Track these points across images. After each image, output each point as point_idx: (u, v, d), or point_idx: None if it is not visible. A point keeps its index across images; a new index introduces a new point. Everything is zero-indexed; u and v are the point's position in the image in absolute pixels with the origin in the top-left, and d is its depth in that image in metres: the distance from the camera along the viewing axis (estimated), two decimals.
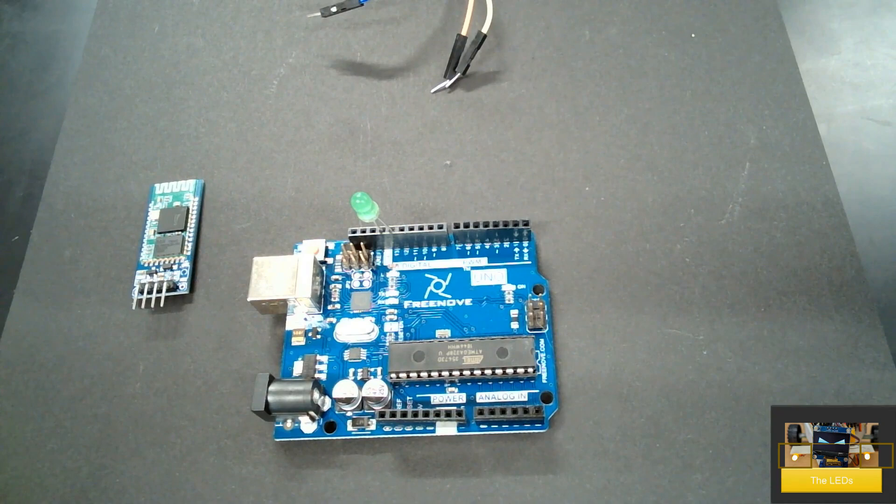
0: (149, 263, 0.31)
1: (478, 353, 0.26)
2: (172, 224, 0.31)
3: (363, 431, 0.26)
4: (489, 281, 0.28)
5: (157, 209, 0.32)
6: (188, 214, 0.31)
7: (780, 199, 0.29)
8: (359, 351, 0.28)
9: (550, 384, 0.26)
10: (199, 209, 0.32)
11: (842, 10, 0.34)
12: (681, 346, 0.27)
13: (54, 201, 0.33)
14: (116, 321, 0.30)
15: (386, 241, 0.29)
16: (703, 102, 0.32)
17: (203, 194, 0.32)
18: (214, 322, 0.29)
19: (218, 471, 0.27)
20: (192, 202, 0.32)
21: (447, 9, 0.36)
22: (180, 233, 0.31)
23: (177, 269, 0.30)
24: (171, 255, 0.31)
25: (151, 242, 0.31)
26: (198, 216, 0.32)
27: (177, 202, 0.32)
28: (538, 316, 0.27)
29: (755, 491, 0.24)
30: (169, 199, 0.32)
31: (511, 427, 0.26)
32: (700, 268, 0.28)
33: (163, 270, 0.30)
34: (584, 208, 0.30)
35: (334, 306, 0.29)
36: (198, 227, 0.31)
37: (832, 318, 0.27)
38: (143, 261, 0.31)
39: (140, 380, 0.28)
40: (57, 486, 0.27)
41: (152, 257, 0.31)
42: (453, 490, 0.26)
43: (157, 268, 0.30)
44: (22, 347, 0.30)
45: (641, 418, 0.26)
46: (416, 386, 0.27)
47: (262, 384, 0.26)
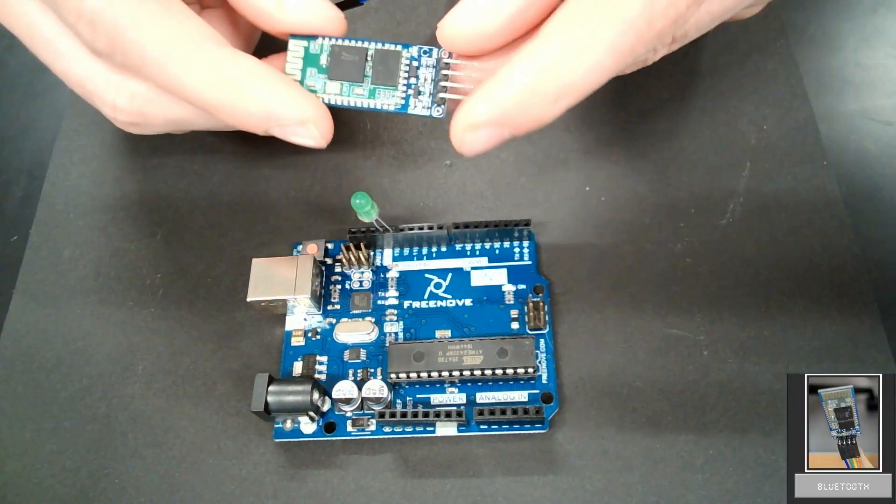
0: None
1: (478, 353, 0.26)
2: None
3: (363, 432, 0.26)
4: (489, 281, 0.28)
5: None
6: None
7: (780, 199, 0.29)
8: (359, 351, 0.28)
9: (550, 384, 0.26)
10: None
11: (843, 10, 0.34)
12: (681, 346, 0.27)
13: (53, 201, 0.33)
14: (116, 321, 0.30)
15: (386, 241, 0.29)
16: (704, 102, 0.32)
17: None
18: (214, 322, 0.29)
19: (217, 471, 0.27)
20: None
21: (447, 9, 0.36)
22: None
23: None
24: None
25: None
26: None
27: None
28: (538, 316, 0.27)
29: (756, 491, 0.24)
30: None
31: (511, 427, 0.26)
32: (700, 268, 0.28)
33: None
34: (584, 208, 0.30)
35: (334, 306, 0.29)
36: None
37: (833, 319, 0.27)
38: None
39: (140, 380, 0.28)
40: (57, 487, 0.27)
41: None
42: (453, 490, 0.25)
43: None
44: (21, 347, 0.30)
45: (642, 418, 0.26)
46: (416, 386, 0.27)
47: (262, 384, 0.26)
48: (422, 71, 0.24)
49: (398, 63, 0.24)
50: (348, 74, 0.24)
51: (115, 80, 0.26)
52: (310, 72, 0.24)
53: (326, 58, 0.24)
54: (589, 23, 0.21)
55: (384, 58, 0.24)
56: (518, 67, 0.21)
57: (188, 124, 0.27)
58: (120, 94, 0.26)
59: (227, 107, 0.23)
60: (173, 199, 0.32)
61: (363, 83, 0.24)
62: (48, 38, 0.26)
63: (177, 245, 0.31)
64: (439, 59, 0.24)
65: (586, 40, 0.20)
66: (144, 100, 0.26)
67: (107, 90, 0.26)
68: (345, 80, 0.24)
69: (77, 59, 0.26)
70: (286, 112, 0.23)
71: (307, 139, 0.24)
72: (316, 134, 0.24)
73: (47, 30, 0.26)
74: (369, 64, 0.24)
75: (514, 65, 0.21)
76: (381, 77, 0.24)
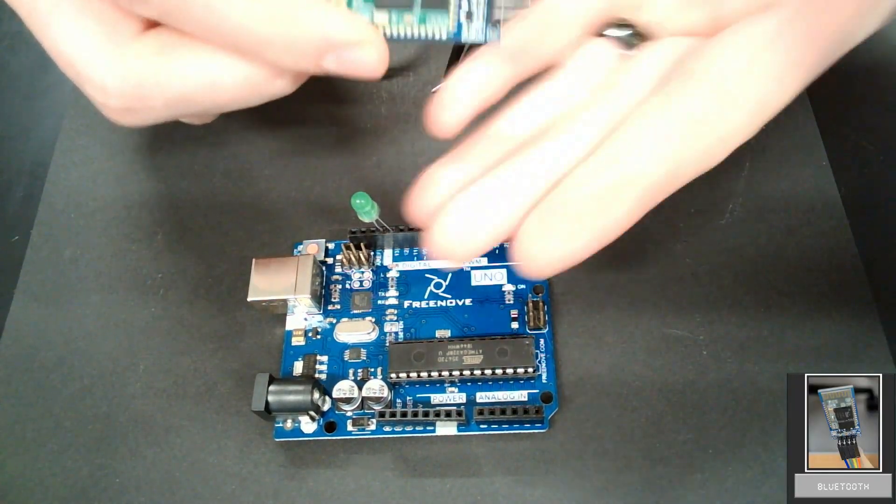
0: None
1: (478, 353, 0.26)
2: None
3: (363, 431, 0.26)
4: (489, 281, 0.29)
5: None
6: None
7: (780, 198, 0.29)
8: (359, 351, 0.28)
9: (550, 384, 0.26)
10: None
11: None
12: (681, 346, 0.27)
13: (54, 201, 0.33)
14: (117, 321, 0.30)
15: (386, 241, 0.29)
16: None
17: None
18: (214, 322, 0.29)
19: (218, 471, 0.27)
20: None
21: None
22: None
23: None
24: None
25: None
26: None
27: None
28: (538, 316, 0.27)
29: (755, 491, 0.24)
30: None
31: (511, 427, 0.26)
32: (700, 268, 0.28)
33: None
34: None
35: (334, 306, 0.29)
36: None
37: (832, 319, 0.27)
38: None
39: (140, 380, 0.28)
40: (57, 486, 0.27)
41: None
42: (453, 490, 0.26)
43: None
44: (22, 347, 0.30)
45: (641, 418, 0.26)
46: (416, 386, 0.27)
47: (262, 384, 0.26)
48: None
49: None
50: (397, 0, 0.23)
51: (106, 60, 0.24)
52: (356, 2, 0.23)
53: None
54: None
55: None
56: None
57: (189, 103, 0.25)
58: (111, 74, 0.24)
59: (280, 37, 0.22)
60: (174, 199, 0.32)
61: (412, 9, 0.23)
62: (45, 13, 0.25)
63: (177, 245, 0.31)
64: None
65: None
66: (139, 79, 0.24)
67: (96, 71, 0.24)
68: (393, 6, 0.23)
69: (71, 35, 0.24)
70: (343, 34, 0.22)
71: (365, 64, 0.22)
72: (374, 56, 0.22)
73: (46, 2, 0.24)
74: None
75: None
76: (430, 1, 0.22)
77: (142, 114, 0.26)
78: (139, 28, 0.25)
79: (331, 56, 0.22)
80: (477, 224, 0.21)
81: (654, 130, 0.21)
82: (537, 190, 0.21)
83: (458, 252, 0.21)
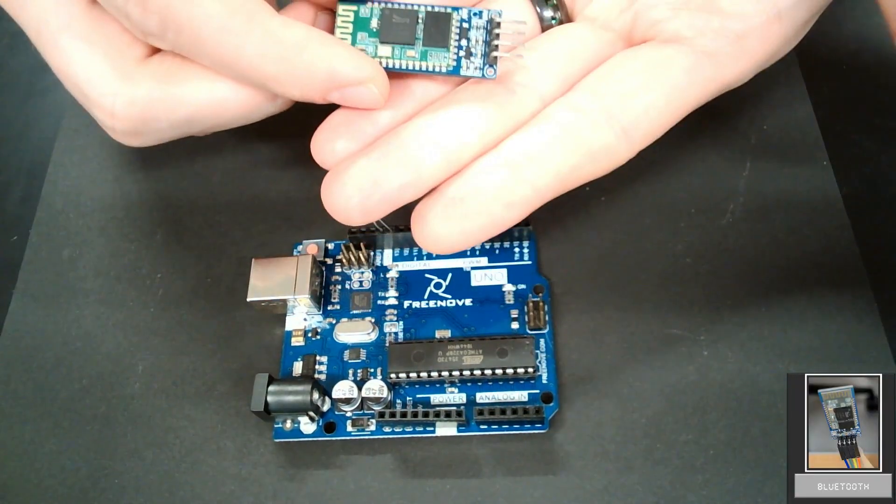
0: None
1: (478, 353, 0.26)
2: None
3: (363, 432, 0.26)
4: (489, 281, 0.28)
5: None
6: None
7: (780, 198, 0.29)
8: (359, 351, 0.28)
9: (550, 384, 0.26)
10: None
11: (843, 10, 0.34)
12: (681, 346, 0.27)
13: (53, 201, 0.33)
14: (116, 321, 0.30)
15: (386, 241, 0.29)
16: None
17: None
18: (214, 322, 0.29)
19: (217, 471, 0.27)
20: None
21: None
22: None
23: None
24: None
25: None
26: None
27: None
28: (538, 316, 0.27)
29: (756, 491, 0.24)
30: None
31: (511, 427, 0.26)
32: (700, 268, 0.28)
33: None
34: (584, 208, 0.30)
35: (334, 306, 0.29)
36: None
37: (833, 319, 0.27)
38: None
39: (139, 380, 0.28)
40: (56, 487, 0.27)
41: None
42: (453, 490, 0.25)
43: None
44: (21, 348, 0.30)
45: (642, 418, 0.26)
46: (415, 386, 0.27)
47: (262, 384, 0.26)
48: (472, 33, 0.24)
49: (449, 25, 0.24)
50: (399, 37, 0.24)
51: (114, 84, 0.25)
52: (360, 36, 0.24)
53: (377, 21, 0.24)
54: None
55: (435, 20, 0.24)
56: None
57: (193, 124, 0.26)
58: (119, 99, 0.25)
59: (288, 74, 0.23)
60: (173, 199, 0.32)
61: (415, 46, 0.24)
62: (54, 33, 0.25)
63: (177, 245, 0.31)
64: (490, 20, 0.24)
65: None
66: (146, 103, 0.25)
67: (104, 95, 0.25)
68: (396, 42, 0.24)
69: (79, 59, 0.25)
70: (348, 74, 0.23)
71: (368, 100, 0.24)
72: (376, 93, 0.23)
73: (55, 23, 0.25)
74: (420, 26, 0.24)
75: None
76: (432, 39, 0.24)
77: (148, 136, 0.27)
78: (146, 52, 0.26)
79: (335, 92, 0.23)
80: (374, 187, 0.23)
81: (542, 138, 0.23)
82: (435, 167, 0.23)
83: (354, 215, 0.24)
